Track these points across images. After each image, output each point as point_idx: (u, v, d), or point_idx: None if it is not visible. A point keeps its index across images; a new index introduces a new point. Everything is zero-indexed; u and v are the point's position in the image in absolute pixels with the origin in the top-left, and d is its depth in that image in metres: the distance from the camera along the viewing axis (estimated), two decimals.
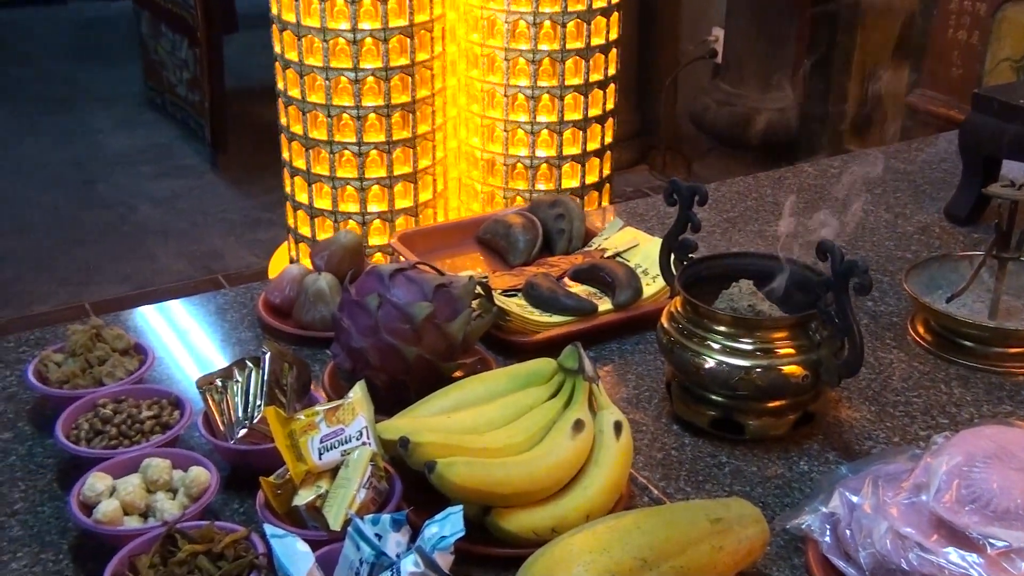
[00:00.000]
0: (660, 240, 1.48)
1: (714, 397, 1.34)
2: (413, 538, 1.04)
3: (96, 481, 1.15)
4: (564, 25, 2.78)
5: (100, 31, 6.73)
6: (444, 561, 0.98)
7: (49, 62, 6.25)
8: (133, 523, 1.13)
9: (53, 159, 4.99)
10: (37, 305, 3.71)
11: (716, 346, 1.30)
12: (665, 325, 1.37)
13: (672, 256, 1.43)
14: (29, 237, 4.20)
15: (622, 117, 3.14)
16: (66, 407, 1.29)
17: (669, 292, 1.45)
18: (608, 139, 3.01)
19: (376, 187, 2.83)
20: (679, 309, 1.36)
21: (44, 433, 1.34)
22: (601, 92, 2.91)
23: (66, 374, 1.37)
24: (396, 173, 2.83)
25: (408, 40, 2.70)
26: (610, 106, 2.97)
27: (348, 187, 2.82)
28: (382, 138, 2.77)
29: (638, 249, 1.74)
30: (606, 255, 1.74)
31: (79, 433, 1.26)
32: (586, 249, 1.79)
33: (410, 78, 2.74)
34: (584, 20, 2.80)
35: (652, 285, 1.63)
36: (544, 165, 2.90)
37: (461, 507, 1.02)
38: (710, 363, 1.30)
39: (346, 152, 2.78)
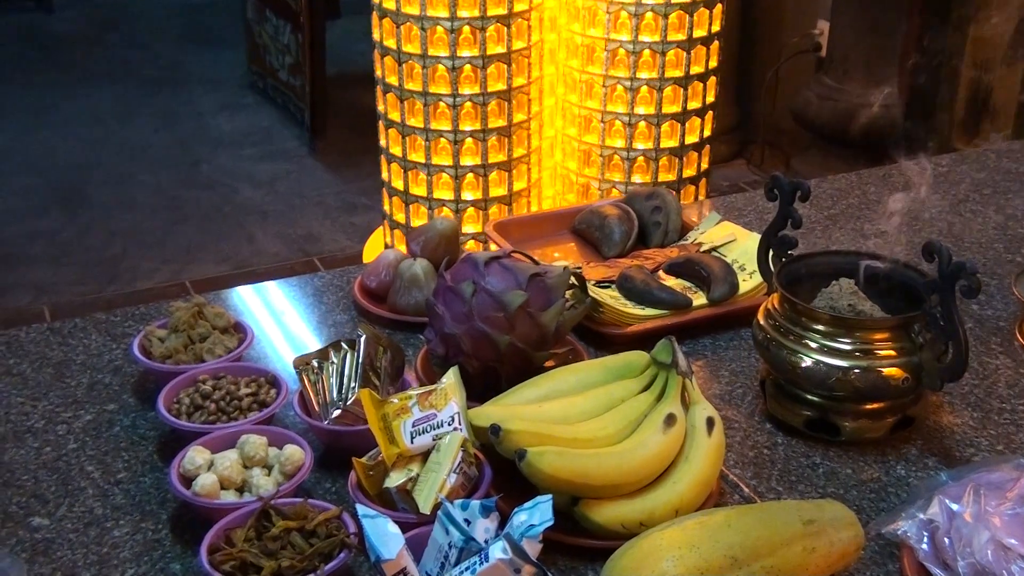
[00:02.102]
0: (758, 236, 1.46)
1: (810, 397, 1.31)
2: (501, 525, 1.05)
3: (196, 455, 1.18)
4: (666, 16, 2.74)
5: (207, 15, 6.89)
6: (532, 549, 0.98)
7: (158, 45, 6.44)
8: (229, 497, 1.16)
9: (159, 139, 5.14)
10: (141, 281, 3.83)
11: (814, 345, 1.27)
12: (761, 322, 1.35)
13: (771, 252, 1.41)
14: (135, 215, 4.34)
15: (721, 111, 3.09)
16: (168, 382, 1.33)
17: (766, 289, 1.43)
18: (707, 133, 2.97)
19: (471, 175, 2.84)
20: (776, 306, 1.34)
21: (147, 406, 1.38)
22: (701, 85, 2.87)
23: (169, 349, 1.41)
24: (491, 161, 2.83)
25: (505, 29, 2.70)
26: (710, 99, 2.92)
27: (443, 174, 2.84)
28: (478, 126, 2.78)
29: (735, 244, 1.71)
30: (702, 249, 1.72)
31: (180, 407, 1.30)
32: (682, 243, 1.77)
33: (507, 67, 2.74)
34: (687, 12, 2.76)
35: (748, 281, 1.61)
36: (641, 157, 2.88)
37: (551, 496, 1.03)
38: (807, 362, 1.27)
39: (442, 139, 2.80)
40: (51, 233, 4.17)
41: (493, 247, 1.78)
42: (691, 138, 2.91)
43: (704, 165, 3.02)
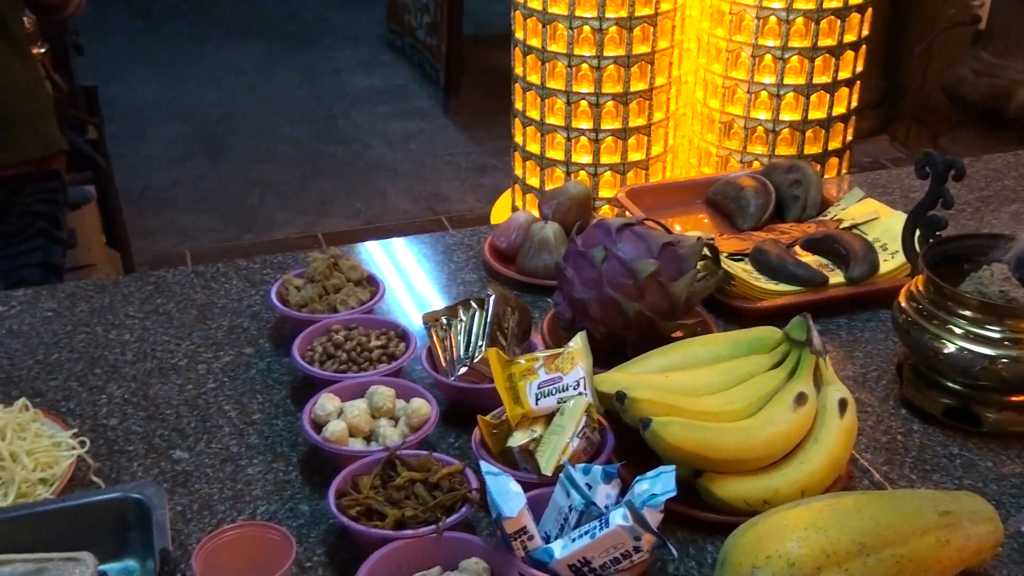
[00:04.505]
0: (903, 214, 1.40)
1: (951, 384, 1.26)
2: (622, 492, 1.05)
3: (327, 402, 1.21)
4: None
5: None
6: (653, 518, 0.98)
7: (299, 1, 6.58)
8: (357, 445, 1.19)
9: (299, 94, 5.27)
10: (276, 231, 3.95)
11: (959, 331, 1.22)
12: (903, 304, 1.30)
13: (917, 232, 1.35)
14: (274, 167, 4.47)
15: (866, 83, 2.98)
16: (303, 329, 1.37)
17: (910, 270, 1.37)
18: (854, 103, 2.87)
19: (610, 138, 2.82)
20: (920, 288, 1.29)
21: (281, 351, 1.43)
22: (852, 54, 2.76)
23: (304, 298, 1.45)
24: (632, 125, 2.81)
25: None
26: (859, 68, 2.82)
27: (583, 138, 2.83)
28: (619, 89, 2.75)
29: (878, 222, 1.65)
30: (842, 226, 1.66)
31: (313, 355, 1.33)
32: (821, 218, 1.72)
33: (652, 28, 2.70)
34: None
35: (890, 261, 1.55)
36: (787, 129, 2.80)
37: (674, 467, 1.02)
38: (950, 348, 1.22)
39: (583, 103, 2.78)
40: (194, 180, 4.34)
41: (628, 213, 1.77)
42: (839, 109, 2.82)
43: (849, 138, 2.93)
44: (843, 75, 2.77)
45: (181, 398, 1.33)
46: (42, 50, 2.60)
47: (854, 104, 2.87)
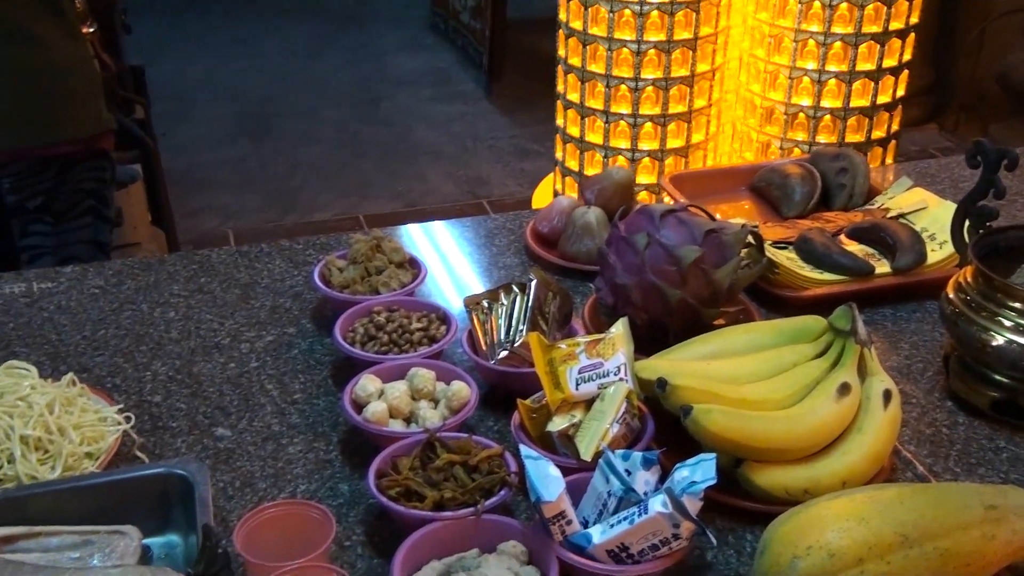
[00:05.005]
0: (953, 204, 1.38)
1: (999, 377, 1.24)
2: (662, 479, 1.04)
3: (368, 383, 1.22)
4: None
5: None
6: (692, 506, 0.97)
7: None
8: (397, 426, 1.19)
9: (343, 76, 5.29)
10: (318, 213, 3.97)
11: (1008, 323, 1.20)
12: (951, 295, 1.28)
13: (967, 223, 1.33)
14: (316, 148, 4.49)
15: (915, 71, 2.92)
16: (345, 310, 1.38)
17: (958, 260, 1.35)
18: (900, 92, 2.82)
19: (649, 124, 2.80)
20: (969, 280, 1.27)
21: (323, 332, 1.44)
22: (900, 41, 2.72)
23: (347, 280, 1.45)
24: (671, 111, 2.78)
25: None
26: (907, 57, 2.77)
27: (621, 122, 2.81)
28: (660, 74, 2.73)
29: (926, 212, 1.63)
30: (889, 215, 1.64)
31: (355, 336, 1.34)
32: (867, 207, 1.70)
33: (695, 14, 2.67)
34: None
35: (938, 252, 1.53)
36: (828, 116, 2.76)
37: (715, 455, 1.01)
38: (999, 340, 1.20)
39: (622, 87, 2.76)
40: (238, 161, 4.37)
41: (667, 199, 1.75)
42: (883, 98, 2.77)
43: (894, 127, 2.88)
44: (888, 63, 2.72)
45: (224, 376, 1.35)
46: (91, 29, 2.63)
47: (901, 93, 2.82)
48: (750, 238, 1.39)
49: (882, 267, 1.51)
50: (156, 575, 0.83)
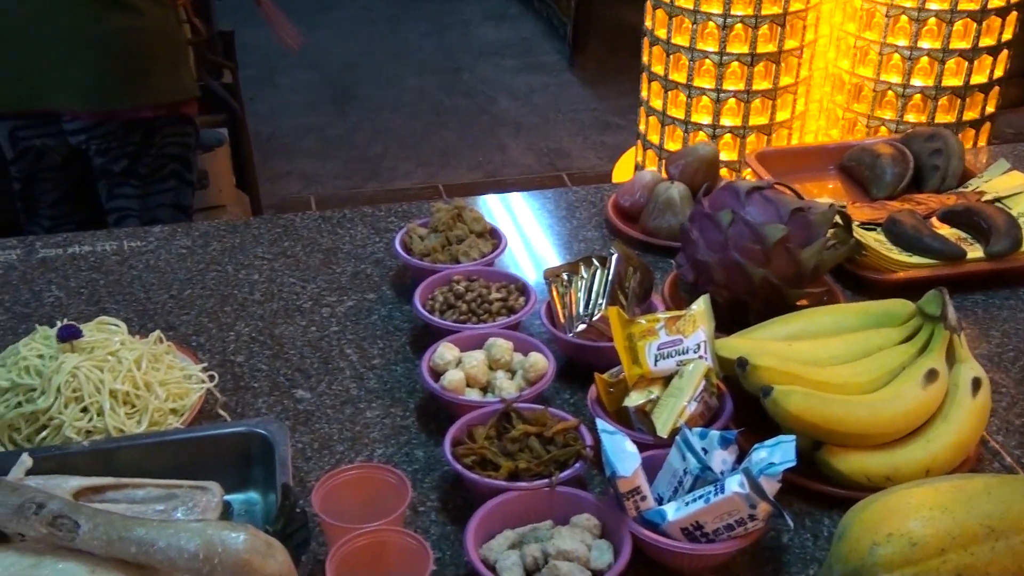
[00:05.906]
0: None
1: None
2: (739, 459, 1.03)
3: (446, 351, 1.23)
4: None
5: None
6: (770, 487, 0.96)
7: None
8: (474, 395, 1.20)
9: (427, 45, 5.30)
10: (399, 181, 4.00)
11: None
12: None
13: None
14: (398, 117, 4.52)
15: (1016, 49, 2.81)
16: (425, 278, 1.38)
17: None
18: (998, 73, 2.72)
19: (732, 100, 2.75)
20: None
21: (402, 299, 1.45)
22: (999, 20, 2.62)
23: (428, 248, 1.46)
24: (755, 88, 2.73)
25: None
26: (1007, 36, 2.67)
27: (704, 97, 2.77)
28: (745, 50, 2.67)
29: (1023, 196, 1.57)
30: (984, 199, 1.59)
31: (434, 304, 1.35)
32: (961, 190, 1.65)
33: None
34: None
35: None
36: (918, 95, 2.68)
37: (794, 437, 0.99)
38: None
39: (707, 61, 2.72)
40: (321, 128, 4.42)
41: (747, 175, 1.72)
42: (978, 78, 2.68)
43: (990, 108, 2.78)
44: (985, 42, 2.63)
45: (305, 339, 1.37)
46: None
47: (998, 73, 2.72)
48: (838, 218, 1.36)
49: (974, 252, 1.47)
50: (238, 530, 0.84)
